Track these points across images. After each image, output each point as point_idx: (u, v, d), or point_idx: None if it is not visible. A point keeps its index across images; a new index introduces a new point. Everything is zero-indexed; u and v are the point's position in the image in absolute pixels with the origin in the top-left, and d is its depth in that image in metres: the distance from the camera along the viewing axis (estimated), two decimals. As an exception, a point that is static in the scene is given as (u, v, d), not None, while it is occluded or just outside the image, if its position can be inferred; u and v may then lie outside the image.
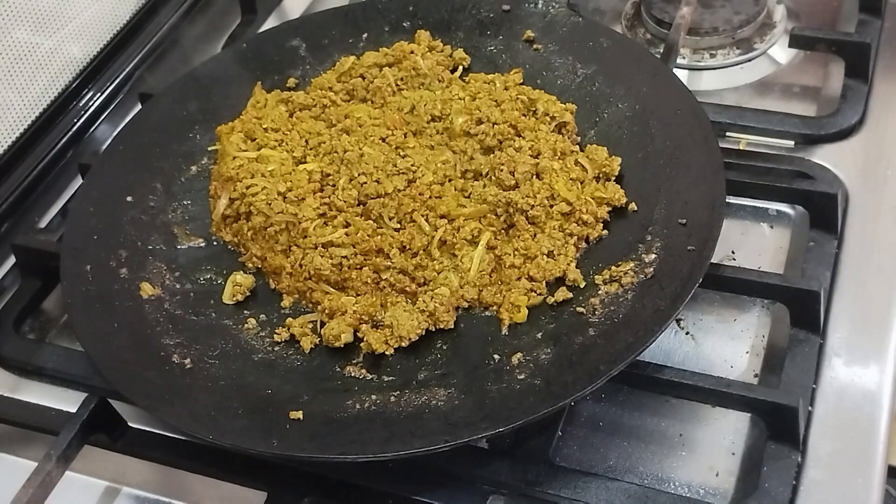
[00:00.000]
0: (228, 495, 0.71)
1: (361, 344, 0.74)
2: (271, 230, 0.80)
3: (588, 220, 0.78)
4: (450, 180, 0.81)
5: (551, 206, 0.78)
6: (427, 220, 0.78)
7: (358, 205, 0.80)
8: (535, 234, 0.77)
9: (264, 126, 0.89)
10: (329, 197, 0.81)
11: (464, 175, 0.82)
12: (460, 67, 0.94)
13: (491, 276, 0.76)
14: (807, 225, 0.80)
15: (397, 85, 0.91)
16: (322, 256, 0.77)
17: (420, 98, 0.88)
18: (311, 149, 0.86)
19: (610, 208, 0.79)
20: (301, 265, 0.78)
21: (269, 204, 0.80)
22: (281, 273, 0.79)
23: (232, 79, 0.95)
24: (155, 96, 0.95)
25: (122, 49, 1.08)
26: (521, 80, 0.91)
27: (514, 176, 0.78)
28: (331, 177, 0.82)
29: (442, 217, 0.78)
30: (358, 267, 0.77)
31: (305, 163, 0.85)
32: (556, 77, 0.91)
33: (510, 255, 0.76)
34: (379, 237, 0.78)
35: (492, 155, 0.81)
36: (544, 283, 0.75)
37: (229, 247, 0.84)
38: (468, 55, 0.95)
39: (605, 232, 0.78)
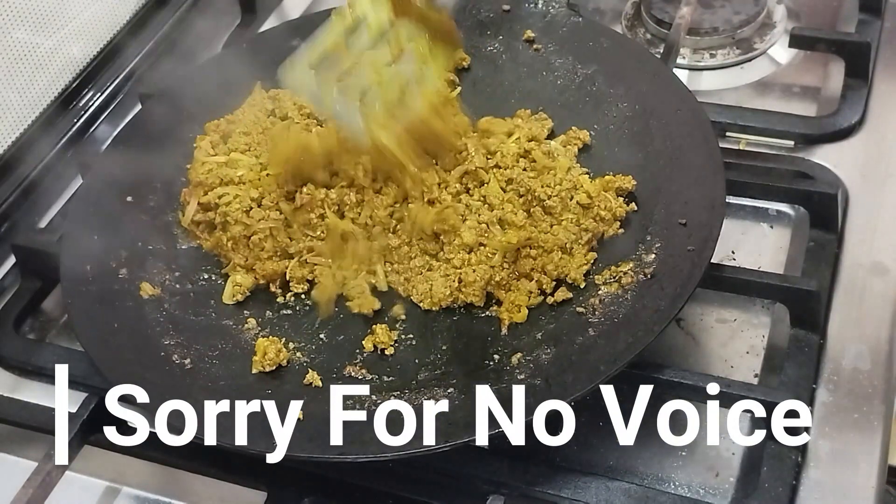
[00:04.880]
0: (228, 495, 0.71)
1: (366, 340, 0.74)
2: (255, 238, 0.80)
3: (605, 217, 0.77)
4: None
5: (571, 199, 0.78)
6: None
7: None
8: (551, 225, 0.77)
9: (238, 130, 0.88)
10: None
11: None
12: (458, 88, 0.93)
13: (507, 267, 0.76)
14: (807, 225, 0.80)
15: None
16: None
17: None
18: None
19: (624, 195, 0.78)
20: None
21: (247, 212, 0.80)
22: (276, 279, 0.80)
23: (232, 79, 0.95)
24: (155, 96, 0.95)
25: (122, 49, 1.07)
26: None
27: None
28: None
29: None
30: None
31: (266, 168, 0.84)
32: (556, 77, 0.91)
33: (526, 247, 0.76)
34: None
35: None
36: (552, 281, 0.75)
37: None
38: (468, 55, 0.95)
39: (622, 231, 0.78)
